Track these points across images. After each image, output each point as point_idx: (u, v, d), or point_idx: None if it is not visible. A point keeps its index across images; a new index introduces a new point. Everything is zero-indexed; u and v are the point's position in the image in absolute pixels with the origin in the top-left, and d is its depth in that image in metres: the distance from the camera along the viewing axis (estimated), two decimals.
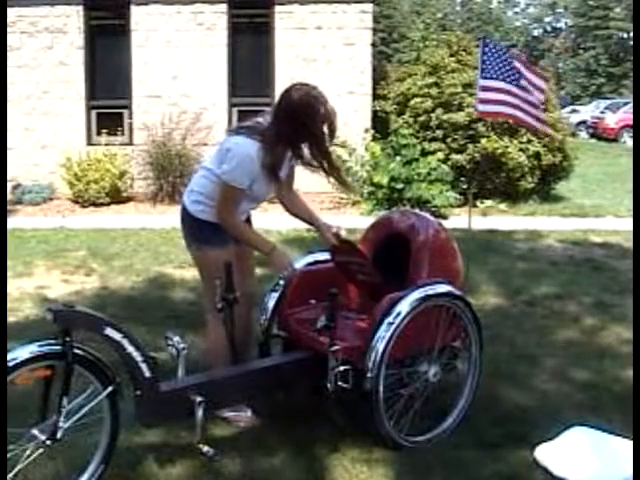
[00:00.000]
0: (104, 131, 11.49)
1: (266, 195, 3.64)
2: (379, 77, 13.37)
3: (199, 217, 3.56)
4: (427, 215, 4.10)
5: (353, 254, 3.70)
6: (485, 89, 6.94)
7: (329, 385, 3.31)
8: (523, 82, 7.03)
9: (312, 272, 3.74)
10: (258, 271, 4.00)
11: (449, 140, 11.40)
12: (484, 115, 7.59)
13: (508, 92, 7.03)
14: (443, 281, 3.62)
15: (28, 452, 2.82)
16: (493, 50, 7.08)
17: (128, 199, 11.40)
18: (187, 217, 3.62)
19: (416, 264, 3.67)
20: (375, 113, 12.32)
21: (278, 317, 3.77)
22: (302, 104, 3.37)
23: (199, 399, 3.10)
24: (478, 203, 10.86)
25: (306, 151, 3.49)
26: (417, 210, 4.89)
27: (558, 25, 56.89)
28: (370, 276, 3.69)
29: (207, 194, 3.55)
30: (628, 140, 25.26)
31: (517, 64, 7.13)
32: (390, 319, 3.37)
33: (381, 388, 3.37)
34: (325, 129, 3.41)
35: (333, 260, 3.82)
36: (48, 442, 2.84)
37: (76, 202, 11.11)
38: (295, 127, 3.38)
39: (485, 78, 7.00)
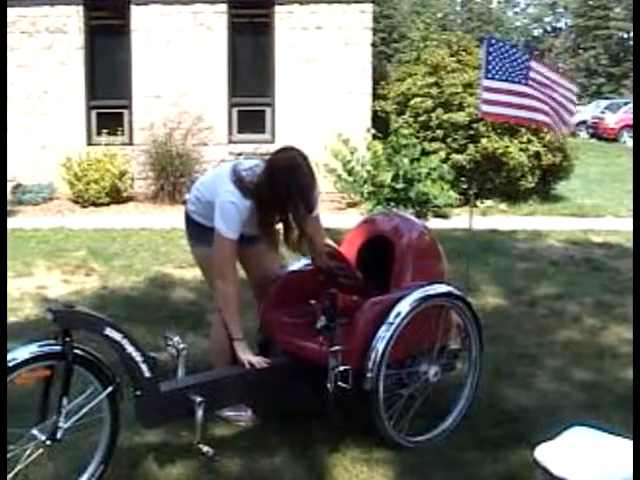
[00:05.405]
0: (104, 131, 11.46)
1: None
2: (379, 77, 13.36)
3: (192, 217, 3.71)
4: (411, 217, 4.09)
5: (333, 258, 3.65)
6: (489, 90, 6.87)
7: (329, 385, 3.31)
8: (532, 74, 6.89)
9: (296, 276, 3.73)
10: None
11: (449, 140, 11.40)
12: (487, 116, 7.51)
13: (514, 93, 6.93)
14: (443, 281, 3.62)
15: (28, 452, 2.83)
16: (498, 50, 6.96)
17: (128, 199, 11.39)
18: (185, 216, 3.79)
19: (400, 266, 3.64)
20: (375, 113, 12.31)
21: (261, 319, 3.75)
22: (282, 169, 3.32)
23: (199, 399, 3.11)
24: (478, 203, 10.85)
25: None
26: (401, 212, 4.85)
27: (558, 25, 56.89)
28: (352, 279, 3.65)
29: (202, 203, 3.63)
30: (628, 140, 25.24)
31: (530, 63, 6.93)
32: (390, 319, 3.37)
33: (381, 388, 3.37)
34: (300, 203, 3.31)
35: (313, 264, 3.77)
36: (48, 442, 2.85)
37: (76, 202, 11.10)
38: (273, 191, 3.32)
39: (489, 78, 6.93)
